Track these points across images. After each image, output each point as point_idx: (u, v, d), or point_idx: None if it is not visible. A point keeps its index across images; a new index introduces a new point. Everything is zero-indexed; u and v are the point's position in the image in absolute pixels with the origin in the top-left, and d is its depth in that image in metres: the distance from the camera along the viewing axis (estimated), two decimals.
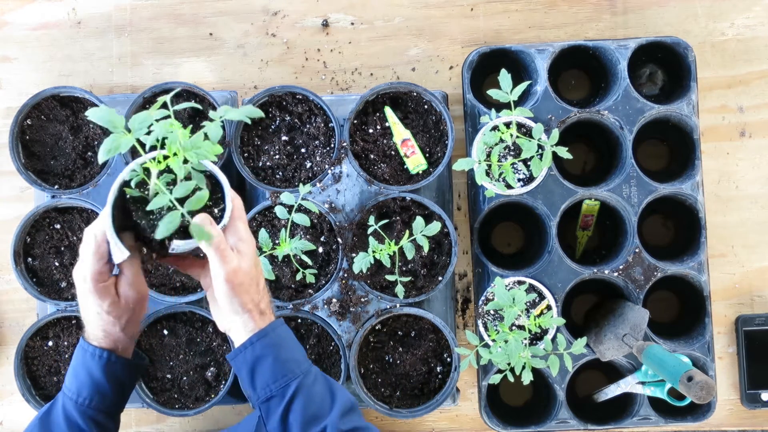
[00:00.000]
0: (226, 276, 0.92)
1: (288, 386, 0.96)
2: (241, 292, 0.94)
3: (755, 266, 1.51)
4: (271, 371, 0.97)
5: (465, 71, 1.42)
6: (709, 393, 1.16)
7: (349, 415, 0.97)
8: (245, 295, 0.95)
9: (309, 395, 0.96)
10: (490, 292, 1.36)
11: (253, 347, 0.97)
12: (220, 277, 0.92)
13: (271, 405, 0.97)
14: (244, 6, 1.55)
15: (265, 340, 0.97)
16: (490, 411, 1.40)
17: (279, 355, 0.97)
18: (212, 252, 0.90)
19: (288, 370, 0.97)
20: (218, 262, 0.91)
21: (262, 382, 0.97)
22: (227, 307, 0.96)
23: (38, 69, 1.56)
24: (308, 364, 1.00)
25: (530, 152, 1.27)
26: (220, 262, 0.91)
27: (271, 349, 0.97)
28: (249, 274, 0.95)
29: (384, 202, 1.33)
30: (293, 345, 1.01)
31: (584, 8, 1.53)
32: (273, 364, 0.97)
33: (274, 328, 0.99)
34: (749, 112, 1.52)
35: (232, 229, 0.94)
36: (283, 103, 1.37)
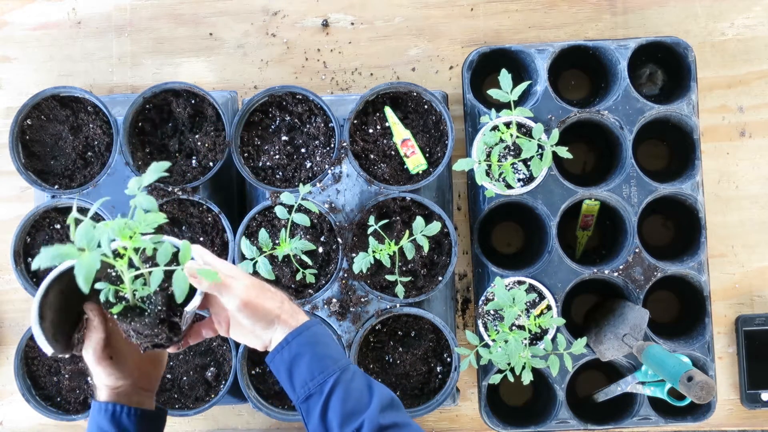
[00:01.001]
0: (242, 297, 0.93)
1: (326, 382, 0.96)
2: (263, 301, 0.95)
3: (755, 266, 1.51)
4: (308, 368, 0.97)
5: (465, 71, 1.42)
6: (709, 393, 1.16)
7: (388, 411, 0.96)
8: (268, 302, 0.96)
9: (347, 391, 0.96)
10: (490, 292, 1.36)
11: (290, 346, 0.97)
12: (236, 301, 0.93)
13: (311, 403, 0.97)
14: (244, 6, 1.55)
15: (301, 339, 0.98)
16: (490, 411, 1.40)
17: (316, 352, 0.97)
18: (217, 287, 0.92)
19: (325, 366, 0.97)
20: (226, 291, 0.92)
21: (300, 380, 0.97)
22: (260, 324, 0.97)
23: (38, 69, 1.56)
24: (346, 361, 1.00)
25: (530, 152, 1.27)
26: (228, 289, 0.92)
27: (308, 347, 0.98)
28: (256, 286, 0.96)
29: (384, 202, 1.33)
30: (330, 342, 1.01)
31: (584, 8, 1.53)
32: (310, 361, 0.97)
33: (309, 326, 0.99)
34: (749, 112, 1.52)
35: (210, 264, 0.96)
36: (283, 103, 1.37)
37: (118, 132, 1.33)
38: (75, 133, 1.40)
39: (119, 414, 1.01)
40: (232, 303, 0.93)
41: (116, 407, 1.01)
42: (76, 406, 1.37)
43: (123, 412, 1.01)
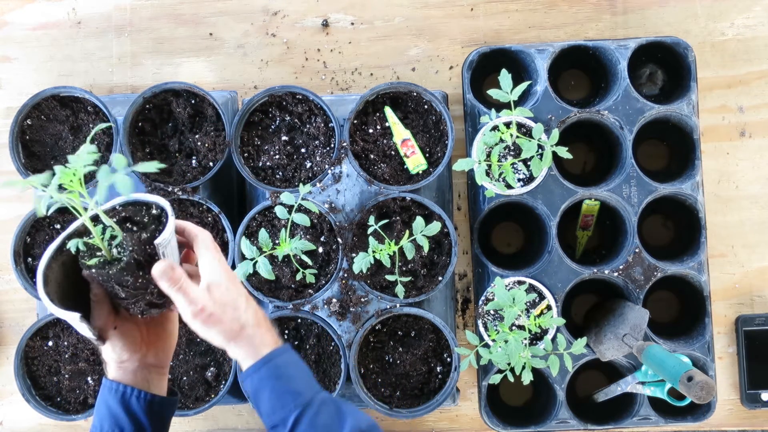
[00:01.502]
0: (192, 313, 0.90)
1: (287, 419, 0.93)
2: (215, 325, 0.92)
3: (755, 266, 1.51)
4: (269, 403, 0.95)
5: (465, 71, 1.42)
6: (709, 393, 1.16)
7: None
8: (219, 325, 0.92)
9: (311, 425, 0.93)
10: (490, 292, 1.36)
11: (251, 379, 0.96)
12: (186, 315, 0.90)
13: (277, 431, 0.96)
14: (244, 6, 1.55)
15: (262, 372, 0.95)
16: (490, 411, 1.40)
17: (275, 388, 0.95)
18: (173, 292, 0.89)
19: (285, 403, 0.94)
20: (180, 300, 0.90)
21: (264, 411, 0.96)
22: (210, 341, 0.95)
23: (38, 69, 1.56)
24: (312, 393, 0.96)
25: (530, 152, 1.27)
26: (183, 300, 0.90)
27: (267, 381, 0.95)
28: (221, 302, 0.92)
29: (384, 202, 1.33)
30: (294, 374, 0.98)
31: (584, 8, 1.53)
32: (270, 396, 0.95)
33: (272, 358, 0.96)
34: (749, 112, 1.52)
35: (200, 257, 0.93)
36: (283, 103, 1.37)
37: (118, 132, 1.33)
38: (75, 133, 1.40)
39: (129, 396, 0.98)
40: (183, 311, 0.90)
41: (126, 389, 0.98)
42: (76, 406, 1.37)
43: (132, 395, 0.99)
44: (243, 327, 0.94)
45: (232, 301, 0.94)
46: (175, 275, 0.88)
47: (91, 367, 1.38)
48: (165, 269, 0.88)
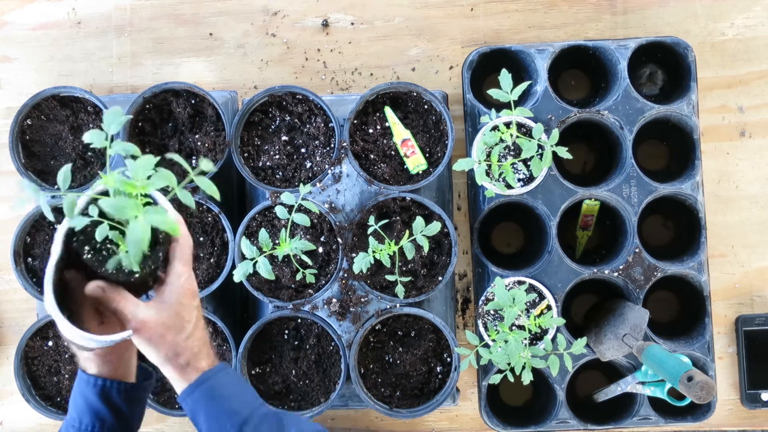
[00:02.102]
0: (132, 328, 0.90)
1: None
2: (152, 345, 0.92)
3: (755, 266, 1.51)
4: (206, 425, 0.95)
5: (465, 71, 1.42)
6: (709, 393, 1.16)
7: None
8: (159, 349, 0.92)
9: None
10: (490, 292, 1.36)
11: (186, 403, 0.96)
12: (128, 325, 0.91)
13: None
14: (244, 6, 1.55)
15: (195, 396, 0.95)
16: (490, 411, 1.40)
17: (209, 410, 0.95)
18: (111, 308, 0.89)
19: (222, 424, 0.94)
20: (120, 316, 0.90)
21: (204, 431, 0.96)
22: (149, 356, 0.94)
23: (38, 69, 1.56)
24: (249, 410, 0.95)
25: (530, 152, 1.27)
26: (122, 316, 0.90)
27: (201, 403, 0.95)
28: (165, 326, 0.92)
29: (384, 202, 1.33)
30: (228, 394, 0.97)
31: (584, 8, 1.53)
32: (206, 419, 0.95)
33: (202, 381, 0.95)
34: (749, 112, 1.52)
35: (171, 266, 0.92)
36: (283, 103, 1.37)
37: (118, 132, 1.33)
38: (75, 133, 1.40)
39: (109, 389, 0.99)
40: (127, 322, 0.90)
41: (106, 382, 0.98)
42: None
43: (113, 387, 0.99)
44: (181, 353, 0.94)
45: (177, 326, 0.93)
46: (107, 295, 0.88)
47: None
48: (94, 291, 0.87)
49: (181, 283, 0.93)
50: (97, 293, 0.88)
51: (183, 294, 0.93)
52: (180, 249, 0.93)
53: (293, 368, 1.37)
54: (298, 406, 1.36)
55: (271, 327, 1.38)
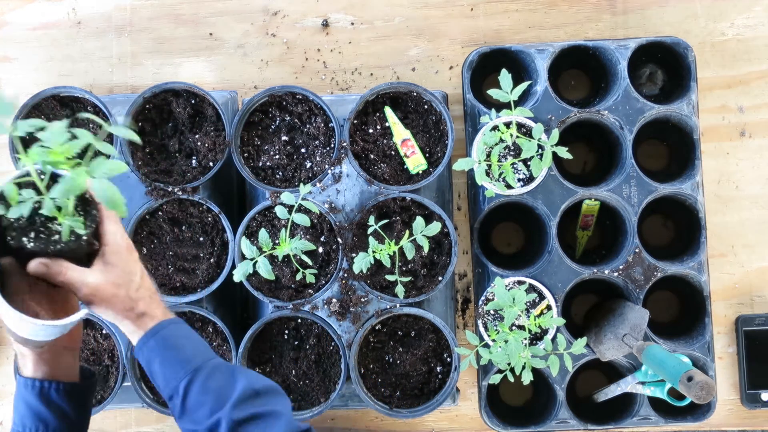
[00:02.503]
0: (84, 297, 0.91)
1: (178, 387, 0.95)
2: (107, 306, 0.93)
3: (755, 266, 1.51)
4: (161, 374, 0.96)
5: (465, 71, 1.42)
6: (709, 393, 1.16)
7: (248, 402, 0.94)
8: (115, 307, 0.94)
9: (203, 391, 0.94)
10: (490, 292, 1.36)
11: (142, 353, 0.97)
12: (79, 297, 0.91)
13: (172, 404, 0.96)
14: (244, 6, 1.55)
15: (150, 344, 0.96)
16: (490, 411, 1.40)
17: (164, 358, 0.96)
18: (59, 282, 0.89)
19: (176, 371, 0.95)
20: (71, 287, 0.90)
21: (159, 383, 0.97)
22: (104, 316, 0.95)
23: (38, 69, 1.56)
24: (202, 359, 0.97)
25: (530, 152, 1.27)
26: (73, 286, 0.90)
27: (156, 352, 0.96)
28: (115, 284, 0.93)
29: (384, 202, 1.33)
30: (182, 344, 0.98)
31: (584, 8, 1.53)
32: (161, 367, 0.96)
33: (157, 330, 0.97)
34: (749, 112, 1.52)
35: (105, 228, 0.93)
36: (283, 103, 1.37)
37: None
38: None
39: (47, 390, 0.99)
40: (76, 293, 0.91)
41: (44, 383, 0.99)
42: None
43: (51, 388, 0.99)
44: (135, 305, 0.96)
45: (126, 281, 0.95)
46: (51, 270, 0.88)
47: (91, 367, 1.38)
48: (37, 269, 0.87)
49: (117, 240, 0.94)
50: (41, 270, 0.87)
51: (122, 250, 0.95)
52: (106, 209, 0.94)
53: (293, 368, 1.37)
54: (298, 406, 1.36)
55: (271, 327, 1.38)
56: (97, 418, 1.50)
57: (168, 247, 1.36)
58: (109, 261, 0.93)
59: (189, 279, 1.35)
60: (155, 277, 1.35)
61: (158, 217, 1.36)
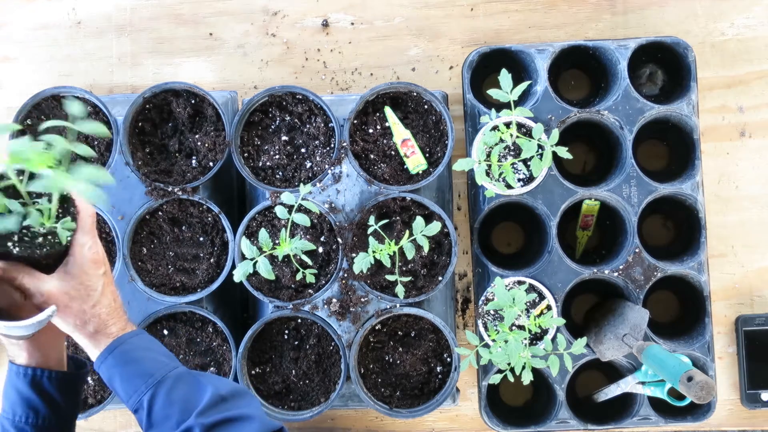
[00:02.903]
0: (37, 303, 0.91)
1: (141, 401, 0.94)
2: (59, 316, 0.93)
3: (755, 266, 1.51)
4: (122, 390, 0.96)
5: (465, 71, 1.42)
6: (709, 393, 1.16)
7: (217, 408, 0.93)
8: (66, 318, 0.93)
9: (168, 402, 0.93)
10: (490, 292, 1.36)
11: (101, 370, 0.97)
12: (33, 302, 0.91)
13: (138, 417, 0.96)
14: (244, 6, 1.55)
15: (108, 362, 0.96)
16: (490, 411, 1.40)
17: (123, 373, 0.95)
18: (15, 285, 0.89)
19: (137, 387, 0.95)
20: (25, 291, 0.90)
21: (123, 397, 0.96)
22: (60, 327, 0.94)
23: (38, 69, 1.56)
24: (164, 371, 0.96)
25: (530, 152, 1.27)
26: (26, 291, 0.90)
27: (116, 368, 0.96)
28: (69, 296, 0.92)
29: (384, 202, 1.33)
30: (141, 357, 0.97)
31: (584, 8, 1.53)
32: (121, 383, 0.95)
33: (113, 348, 0.96)
34: (749, 112, 1.52)
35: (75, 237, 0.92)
36: (283, 103, 1.37)
37: (118, 132, 1.33)
38: None
39: (40, 377, 0.99)
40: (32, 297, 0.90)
41: (36, 371, 0.99)
42: None
43: (44, 376, 0.99)
44: (87, 321, 0.95)
45: (82, 294, 0.94)
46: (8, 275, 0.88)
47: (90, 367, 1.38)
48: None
49: (84, 252, 0.93)
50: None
51: (86, 263, 0.93)
52: (81, 219, 0.93)
53: (293, 368, 1.37)
54: (298, 406, 1.36)
55: (271, 327, 1.38)
56: (97, 418, 1.51)
57: (168, 247, 1.36)
58: (69, 271, 0.92)
59: (189, 279, 1.35)
60: (155, 277, 1.36)
61: (158, 217, 1.36)
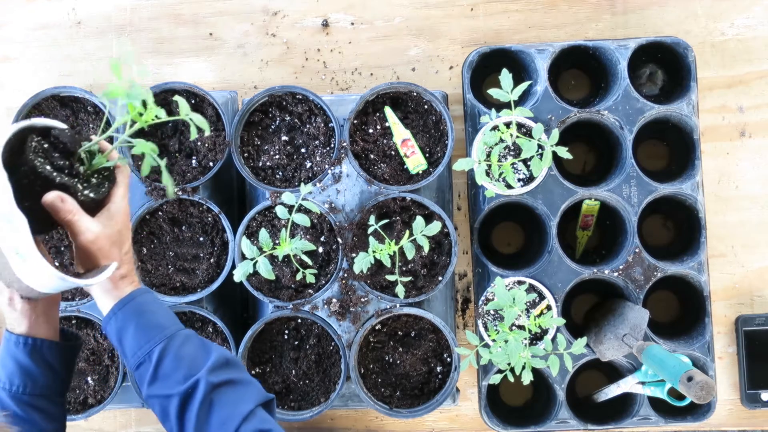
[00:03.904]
0: (82, 243, 0.95)
1: (152, 352, 0.97)
2: (100, 257, 0.97)
3: (755, 266, 1.51)
4: (135, 339, 0.99)
5: (465, 71, 1.42)
6: (709, 393, 1.16)
7: (222, 369, 0.98)
8: (105, 260, 0.98)
9: (177, 357, 0.97)
10: (490, 292, 1.36)
11: (116, 317, 1.00)
12: (76, 243, 0.96)
13: (141, 372, 0.98)
14: (244, 6, 1.55)
15: (125, 310, 1.00)
16: (490, 411, 1.40)
17: (140, 323, 0.99)
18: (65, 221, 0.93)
19: (150, 336, 0.98)
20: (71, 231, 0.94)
21: (129, 350, 0.99)
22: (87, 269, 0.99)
23: (38, 69, 1.56)
24: (176, 328, 1.01)
25: (530, 152, 1.27)
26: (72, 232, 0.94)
27: (132, 317, 1.00)
28: (110, 238, 0.98)
29: (384, 202, 1.33)
30: (157, 310, 1.02)
31: (584, 8, 1.53)
32: (135, 332, 0.99)
33: (134, 296, 1.01)
34: (749, 112, 1.52)
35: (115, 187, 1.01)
36: (283, 103, 1.37)
37: (118, 132, 1.33)
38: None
39: (40, 347, 1.02)
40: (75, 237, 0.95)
41: (36, 341, 1.01)
42: (76, 406, 1.37)
43: (44, 345, 1.02)
44: (121, 266, 1.01)
45: (120, 240, 1.00)
46: (66, 207, 0.92)
47: (90, 367, 1.38)
48: (54, 200, 0.91)
49: (124, 204, 1.01)
50: (56, 203, 0.91)
51: (124, 213, 1.01)
52: (123, 174, 1.02)
53: (293, 368, 1.37)
54: (298, 406, 1.36)
55: (271, 327, 1.38)
56: (97, 418, 1.51)
57: (168, 247, 1.36)
58: (111, 217, 0.98)
59: (189, 279, 1.35)
60: (155, 276, 1.36)
61: (158, 217, 1.36)
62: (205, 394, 0.94)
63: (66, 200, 0.92)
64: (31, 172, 0.89)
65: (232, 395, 0.97)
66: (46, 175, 0.90)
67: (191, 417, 0.94)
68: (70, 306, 1.35)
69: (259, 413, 0.97)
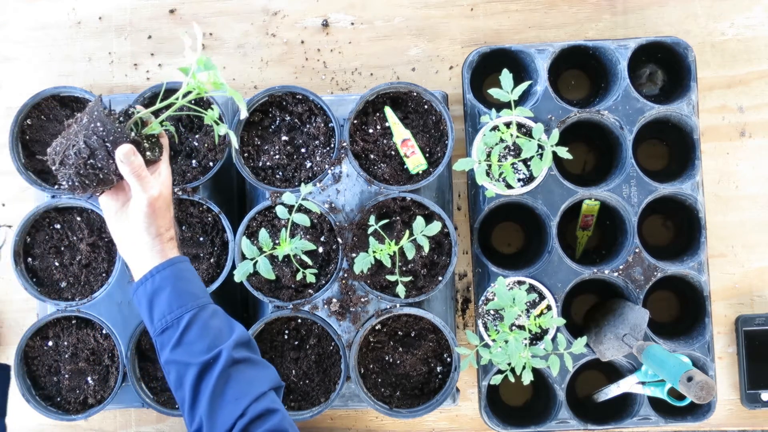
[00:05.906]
0: (149, 200, 1.02)
1: (182, 317, 0.99)
2: (158, 217, 1.03)
3: (755, 266, 1.51)
4: (167, 302, 1.01)
5: (465, 71, 1.42)
6: (709, 393, 1.16)
7: (244, 347, 1.02)
8: (161, 220, 1.04)
9: (205, 327, 0.99)
10: (490, 292, 1.36)
11: (153, 279, 1.02)
12: (143, 199, 1.02)
13: (165, 337, 1.00)
14: (244, 6, 1.55)
15: (165, 273, 1.03)
16: (490, 411, 1.40)
17: (176, 287, 1.02)
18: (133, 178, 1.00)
19: (184, 301, 1.01)
20: (140, 186, 1.01)
21: (159, 313, 1.01)
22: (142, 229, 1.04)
23: (38, 69, 1.56)
24: (207, 299, 1.05)
25: (530, 152, 1.27)
26: (142, 187, 1.01)
27: (170, 280, 1.02)
28: (166, 201, 1.08)
29: (384, 202, 1.33)
30: (193, 279, 1.06)
31: (584, 8, 1.53)
32: (170, 295, 1.01)
33: (175, 262, 1.05)
34: (749, 112, 1.52)
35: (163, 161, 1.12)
36: (283, 103, 1.37)
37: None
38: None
39: None
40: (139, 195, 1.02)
41: None
42: (76, 406, 1.37)
43: None
44: (170, 228, 1.08)
45: (170, 205, 1.11)
46: (138, 161, 1.01)
47: (90, 367, 1.38)
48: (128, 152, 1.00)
49: (169, 173, 1.13)
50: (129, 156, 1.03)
51: (169, 179, 1.13)
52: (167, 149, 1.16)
53: (293, 368, 1.37)
54: (298, 406, 1.36)
55: (271, 327, 1.38)
56: (97, 418, 1.51)
57: None
58: (165, 182, 1.07)
59: None
60: None
61: None
62: (225, 368, 0.96)
63: (138, 155, 1.00)
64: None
65: (250, 373, 0.99)
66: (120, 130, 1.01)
67: (207, 387, 0.96)
68: (70, 306, 1.36)
69: (271, 395, 0.99)
